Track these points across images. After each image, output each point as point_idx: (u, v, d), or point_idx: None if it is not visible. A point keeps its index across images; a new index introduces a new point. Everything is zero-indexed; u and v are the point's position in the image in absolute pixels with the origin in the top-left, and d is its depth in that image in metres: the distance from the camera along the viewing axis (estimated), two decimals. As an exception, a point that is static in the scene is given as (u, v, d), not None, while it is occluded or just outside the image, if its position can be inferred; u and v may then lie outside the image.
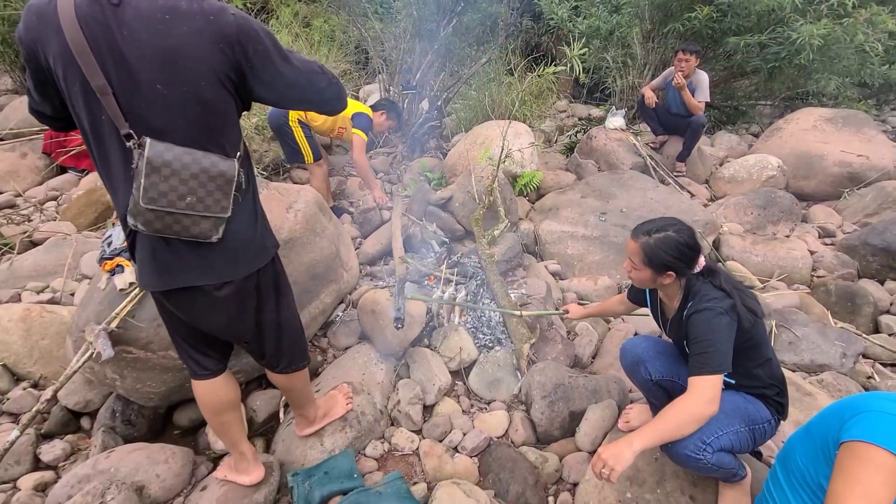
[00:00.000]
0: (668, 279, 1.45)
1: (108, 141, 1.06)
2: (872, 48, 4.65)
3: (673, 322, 1.56)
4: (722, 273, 1.46)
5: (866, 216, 3.78)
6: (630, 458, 1.19)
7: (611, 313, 2.06)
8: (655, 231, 1.44)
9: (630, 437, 1.24)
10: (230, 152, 1.13)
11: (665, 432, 1.26)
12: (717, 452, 1.36)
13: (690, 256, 1.41)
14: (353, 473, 1.72)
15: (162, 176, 1.03)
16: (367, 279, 2.85)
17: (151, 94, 1.01)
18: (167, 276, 1.19)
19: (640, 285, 1.58)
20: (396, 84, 4.46)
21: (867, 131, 4.44)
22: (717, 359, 1.29)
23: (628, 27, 5.58)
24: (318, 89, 1.22)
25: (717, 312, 1.34)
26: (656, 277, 1.46)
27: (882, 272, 3.10)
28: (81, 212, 3.41)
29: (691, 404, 1.27)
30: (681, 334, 1.49)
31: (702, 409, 1.25)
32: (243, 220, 1.23)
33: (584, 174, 4.23)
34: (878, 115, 6.95)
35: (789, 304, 2.73)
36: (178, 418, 2.06)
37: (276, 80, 1.14)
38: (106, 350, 1.62)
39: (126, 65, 0.99)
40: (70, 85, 1.01)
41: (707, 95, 4.13)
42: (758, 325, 1.43)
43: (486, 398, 2.21)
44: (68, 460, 1.89)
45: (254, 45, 1.08)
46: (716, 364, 1.29)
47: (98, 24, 0.96)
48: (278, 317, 1.43)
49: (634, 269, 1.50)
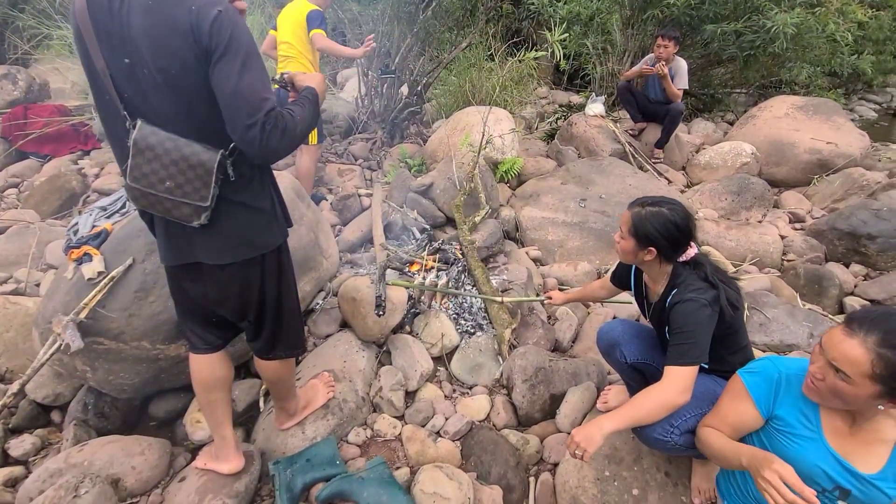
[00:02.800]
0: (649, 255, 1.44)
1: (113, 120, 1.14)
2: (843, 38, 4.77)
3: (655, 308, 1.57)
4: (709, 265, 1.45)
5: (834, 202, 3.91)
6: (600, 440, 1.23)
7: (593, 298, 2.07)
8: (650, 204, 1.44)
9: (601, 419, 1.27)
10: (217, 144, 1.13)
11: (635, 417, 1.30)
12: (684, 434, 1.40)
13: (677, 238, 1.40)
14: (335, 460, 1.72)
15: (145, 158, 1.09)
16: (347, 267, 2.82)
17: (142, 78, 1.07)
18: (178, 251, 1.29)
19: (623, 258, 1.56)
20: (375, 68, 4.37)
21: (836, 119, 4.58)
22: (694, 350, 1.32)
23: (608, 13, 5.59)
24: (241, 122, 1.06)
25: (701, 304, 1.35)
26: (638, 251, 1.45)
27: (847, 255, 3.22)
28: (45, 199, 3.27)
29: (664, 392, 1.30)
30: (662, 321, 1.50)
31: (673, 398, 1.29)
32: (241, 213, 1.25)
33: (564, 161, 4.25)
34: (847, 104, 7.17)
35: (761, 287, 2.82)
36: (154, 410, 2.01)
37: (220, 84, 1.06)
38: (75, 342, 1.57)
39: (120, 48, 1.06)
40: (84, 65, 1.12)
41: (686, 83, 4.17)
42: (738, 315, 1.45)
43: (468, 383, 2.23)
44: (39, 455, 1.83)
45: (221, 45, 1.04)
46: (693, 355, 1.32)
47: (101, 7, 1.04)
48: (279, 300, 1.45)
49: (621, 239, 1.49)
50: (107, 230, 1.85)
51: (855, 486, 1.10)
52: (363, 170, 4.04)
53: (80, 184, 3.44)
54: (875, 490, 1.08)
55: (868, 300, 2.87)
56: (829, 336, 1.07)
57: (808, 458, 1.14)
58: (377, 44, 4.34)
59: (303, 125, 1.17)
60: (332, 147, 4.31)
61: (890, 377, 0.98)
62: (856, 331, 1.02)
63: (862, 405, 1.06)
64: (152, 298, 1.74)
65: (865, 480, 1.09)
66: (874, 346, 0.99)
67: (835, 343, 1.05)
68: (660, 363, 1.46)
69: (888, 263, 3.07)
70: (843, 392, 1.03)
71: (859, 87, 8.20)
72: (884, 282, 2.92)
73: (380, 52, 4.33)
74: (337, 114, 4.66)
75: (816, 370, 1.08)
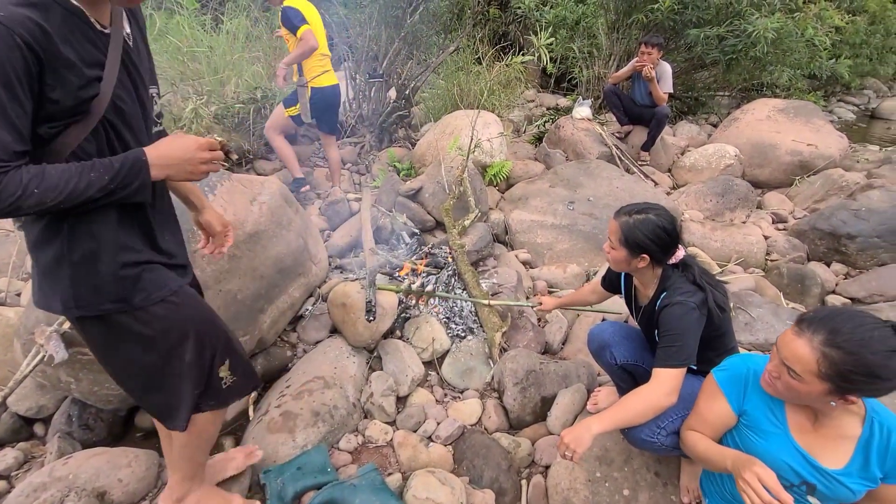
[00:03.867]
0: (642, 262, 1.46)
1: None
2: (821, 42, 4.90)
3: (645, 311, 1.59)
4: (696, 267, 1.48)
5: (815, 202, 4.00)
6: (588, 441, 1.25)
7: (583, 302, 2.10)
8: (637, 212, 1.45)
9: (589, 421, 1.29)
10: None
11: (624, 419, 1.32)
12: (670, 435, 1.43)
13: (667, 242, 1.43)
14: (326, 468, 1.71)
15: None
16: (336, 272, 2.81)
17: None
18: None
19: (616, 267, 1.58)
20: (362, 72, 4.36)
21: (816, 121, 4.69)
22: (683, 353, 1.35)
23: (594, 17, 5.66)
24: None
25: (689, 308, 1.37)
26: (631, 259, 1.47)
27: (828, 255, 3.29)
28: (27, 206, 3.20)
29: (652, 394, 1.33)
30: (651, 324, 1.52)
31: (661, 400, 1.32)
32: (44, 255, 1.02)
33: (552, 164, 4.29)
34: (826, 106, 7.34)
35: (745, 287, 2.87)
36: (141, 421, 1.98)
37: None
38: (59, 352, 1.53)
39: None
40: None
41: (670, 86, 4.24)
42: (725, 317, 1.48)
43: (460, 387, 2.23)
44: (21, 469, 1.79)
45: None
46: (681, 358, 1.34)
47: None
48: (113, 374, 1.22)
49: (612, 249, 1.51)
50: (91, 238, 1.82)
51: (820, 482, 1.13)
52: (352, 174, 4.02)
53: (62, 190, 3.37)
54: (840, 486, 1.11)
55: (849, 298, 2.94)
56: (782, 336, 1.11)
57: (773, 453, 1.17)
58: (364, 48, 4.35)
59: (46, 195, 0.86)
60: (320, 151, 4.29)
61: (836, 375, 1.01)
62: (804, 330, 1.06)
63: (815, 401, 1.11)
64: (138, 307, 1.72)
65: (830, 476, 1.12)
66: (819, 345, 1.02)
67: (786, 343, 1.08)
68: (649, 364, 1.48)
69: (867, 262, 3.15)
70: (797, 389, 1.07)
71: (837, 90, 8.42)
72: (863, 280, 3.00)
73: (368, 56, 4.33)
74: (325, 118, 4.63)
75: (773, 368, 1.13)
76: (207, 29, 4.57)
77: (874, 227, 3.15)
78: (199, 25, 4.48)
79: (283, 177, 3.60)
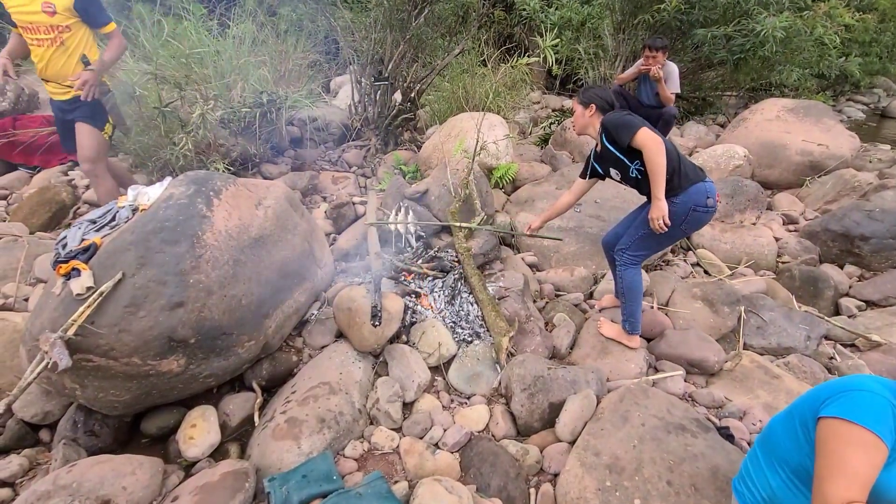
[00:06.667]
0: (589, 111, 2.16)
1: None
2: (831, 40, 4.83)
3: (602, 154, 2.20)
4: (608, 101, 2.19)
5: (826, 203, 3.94)
6: (665, 205, 1.96)
7: (565, 206, 2.51)
8: (583, 91, 2.22)
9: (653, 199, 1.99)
10: None
11: (660, 178, 1.95)
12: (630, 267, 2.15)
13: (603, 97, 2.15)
14: (332, 475, 1.68)
15: None
16: (342, 276, 2.79)
17: None
18: None
19: (579, 130, 2.25)
20: (368, 75, 4.36)
21: (826, 121, 4.62)
22: (634, 123, 1.98)
23: (599, 18, 5.63)
24: None
25: (621, 113, 2.04)
26: (584, 111, 2.18)
27: (841, 257, 3.23)
28: (34, 211, 3.22)
29: (650, 153, 1.93)
30: (609, 155, 2.14)
31: (655, 152, 1.93)
32: None
33: (558, 165, 4.25)
34: (835, 106, 7.25)
35: (757, 290, 2.82)
36: (146, 426, 1.97)
37: None
38: (63, 359, 1.53)
39: None
40: None
41: (677, 87, 4.19)
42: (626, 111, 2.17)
43: (466, 393, 2.20)
44: (26, 476, 1.78)
45: None
46: (635, 126, 1.96)
47: None
48: None
49: (574, 117, 2.24)
50: (96, 244, 1.81)
51: None
52: (357, 177, 4.01)
53: (69, 195, 3.39)
54: None
55: (863, 301, 2.88)
56: None
57: None
58: (369, 51, 4.35)
59: None
60: (326, 155, 4.29)
61: None
62: None
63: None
64: (142, 313, 1.71)
65: None
66: None
67: None
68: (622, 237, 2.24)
69: (882, 264, 3.08)
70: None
71: (847, 89, 8.31)
72: (878, 282, 2.94)
73: (373, 60, 4.33)
74: (330, 121, 4.64)
75: None
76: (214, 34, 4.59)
77: (889, 227, 3.08)
78: (206, 30, 4.49)
79: (289, 181, 3.60)
